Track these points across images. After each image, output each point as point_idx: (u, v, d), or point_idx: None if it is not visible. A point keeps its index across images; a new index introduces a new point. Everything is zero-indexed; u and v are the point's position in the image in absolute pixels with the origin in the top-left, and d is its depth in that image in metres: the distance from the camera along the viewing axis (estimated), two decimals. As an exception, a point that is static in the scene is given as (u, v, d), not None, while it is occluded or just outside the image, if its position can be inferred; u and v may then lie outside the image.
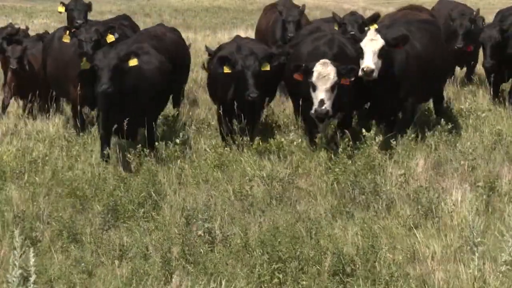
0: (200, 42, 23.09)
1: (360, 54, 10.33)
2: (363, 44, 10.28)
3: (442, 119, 11.10)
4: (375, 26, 11.86)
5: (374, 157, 9.48)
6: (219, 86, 11.21)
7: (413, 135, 10.66)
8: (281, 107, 13.65)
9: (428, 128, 11.56)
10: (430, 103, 12.83)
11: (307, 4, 16.47)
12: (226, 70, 10.62)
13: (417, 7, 15.42)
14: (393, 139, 10.33)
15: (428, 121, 12.05)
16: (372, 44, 10.26)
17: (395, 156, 10.09)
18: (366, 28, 12.07)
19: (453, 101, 13.51)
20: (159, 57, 11.32)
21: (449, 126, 10.84)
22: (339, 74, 9.84)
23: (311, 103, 9.96)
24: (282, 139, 10.72)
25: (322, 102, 9.68)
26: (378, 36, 10.33)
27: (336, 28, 12.64)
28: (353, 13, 13.47)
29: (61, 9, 14.05)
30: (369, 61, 10.13)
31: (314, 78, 9.75)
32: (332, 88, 9.80)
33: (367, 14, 28.85)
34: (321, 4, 39.82)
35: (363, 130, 9.94)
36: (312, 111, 9.76)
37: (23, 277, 6.62)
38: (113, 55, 10.03)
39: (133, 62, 10.08)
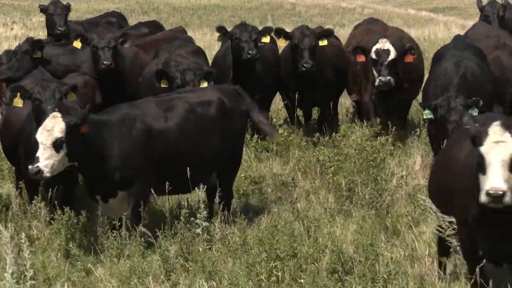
0: (199, 40, 23.06)
1: (481, 166, 6.04)
2: (484, 150, 6.04)
3: None
4: (325, 42, 10.74)
5: (373, 154, 9.46)
6: None
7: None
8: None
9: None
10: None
11: (305, 3, 15.88)
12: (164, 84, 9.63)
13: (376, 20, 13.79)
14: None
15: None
16: (500, 151, 6.03)
17: (395, 153, 10.10)
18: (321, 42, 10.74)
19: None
20: None
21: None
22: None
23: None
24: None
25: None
26: (507, 134, 6.05)
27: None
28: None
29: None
30: (499, 182, 5.94)
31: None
32: None
33: (365, 12, 28.90)
34: (319, 3, 39.70)
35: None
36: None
37: (20, 273, 6.63)
38: None
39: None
